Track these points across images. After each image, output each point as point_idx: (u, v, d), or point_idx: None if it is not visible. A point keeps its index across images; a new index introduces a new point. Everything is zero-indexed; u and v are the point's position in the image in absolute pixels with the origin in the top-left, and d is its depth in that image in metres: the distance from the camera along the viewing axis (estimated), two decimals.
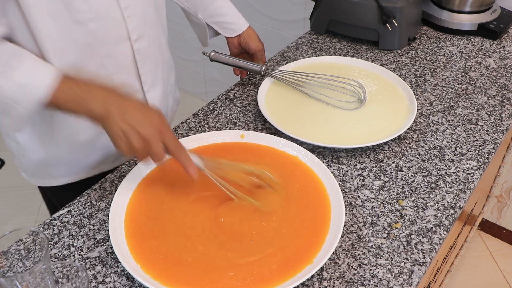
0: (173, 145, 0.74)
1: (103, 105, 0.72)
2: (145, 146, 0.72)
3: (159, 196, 0.83)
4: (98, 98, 0.73)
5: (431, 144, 0.98)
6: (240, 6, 2.11)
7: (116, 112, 0.72)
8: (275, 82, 1.10)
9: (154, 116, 0.74)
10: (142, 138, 0.71)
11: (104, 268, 0.75)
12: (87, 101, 0.72)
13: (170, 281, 0.70)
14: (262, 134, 0.94)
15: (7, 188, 2.26)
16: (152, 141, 0.72)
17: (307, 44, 1.30)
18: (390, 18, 1.21)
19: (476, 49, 1.29)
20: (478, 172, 0.92)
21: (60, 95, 0.73)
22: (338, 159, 0.94)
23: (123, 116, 0.71)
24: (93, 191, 0.87)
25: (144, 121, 0.72)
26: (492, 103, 1.09)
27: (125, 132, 0.71)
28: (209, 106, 1.08)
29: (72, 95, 0.73)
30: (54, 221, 0.82)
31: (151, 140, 0.72)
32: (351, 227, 0.81)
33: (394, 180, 0.90)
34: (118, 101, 0.73)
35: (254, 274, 0.71)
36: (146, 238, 0.76)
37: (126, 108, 0.72)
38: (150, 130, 0.72)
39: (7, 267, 0.67)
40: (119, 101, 0.73)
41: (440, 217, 0.83)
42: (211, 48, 1.17)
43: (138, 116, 0.72)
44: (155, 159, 0.74)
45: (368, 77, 1.13)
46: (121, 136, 0.72)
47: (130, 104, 0.74)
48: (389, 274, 0.74)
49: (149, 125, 0.72)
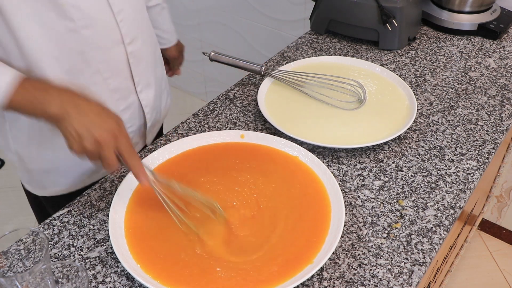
0: (127, 151, 0.73)
1: (60, 106, 0.71)
2: (97, 149, 0.71)
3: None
4: (55, 99, 0.72)
5: (431, 144, 0.98)
6: (240, 6, 2.12)
7: (72, 113, 0.71)
8: (275, 82, 1.10)
9: (111, 120, 0.73)
10: (95, 141, 0.70)
11: (104, 268, 0.75)
12: (44, 102, 0.71)
13: (170, 281, 0.70)
14: (262, 134, 0.94)
15: (7, 188, 2.26)
16: (105, 145, 0.70)
17: (307, 44, 1.30)
18: (390, 18, 1.21)
19: (476, 49, 1.29)
20: (478, 172, 0.92)
21: (17, 98, 0.72)
22: (338, 159, 0.94)
23: (79, 118, 0.71)
24: (93, 191, 0.87)
25: (100, 124, 0.71)
26: (492, 103, 1.09)
27: (79, 133, 0.70)
28: (209, 106, 1.08)
29: (29, 97, 0.72)
30: (54, 221, 0.82)
31: (103, 144, 0.70)
32: (351, 227, 0.81)
33: (394, 180, 0.90)
34: (76, 103, 0.72)
35: (254, 274, 0.71)
36: (146, 238, 0.76)
37: (84, 110, 0.71)
38: (104, 134, 0.71)
39: (7, 267, 0.67)
40: (77, 102, 0.72)
41: (440, 217, 0.83)
42: (211, 48, 1.17)
43: (94, 119, 0.71)
44: (106, 164, 0.72)
45: (368, 77, 1.13)
46: (74, 136, 0.70)
47: (88, 106, 0.72)
48: (389, 274, 0.74)
49: (104, 129, 0.71)
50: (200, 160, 0.90)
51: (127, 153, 0.73)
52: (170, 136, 0.99)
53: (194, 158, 0.90)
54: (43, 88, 0.73)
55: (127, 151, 0.73)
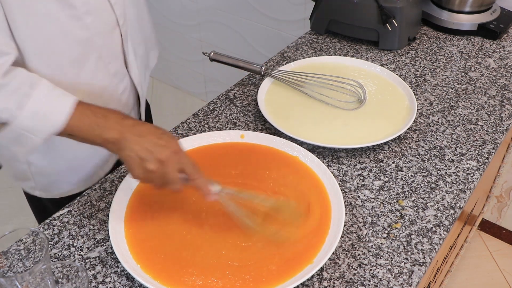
0: (191, 167, 0.72)
1: (119, 131, 0.71)
2: (162, 169, 0.70)
3: (159, 197, 0.83)
4: (113, 125, 0.71)
5: (431, 144, 0.98)
6: (240, 6, 2.12)
7: (131, 137, 0.70)
8: (275, 82, 1.10)
9: (170, 139, 0.72)
10: (158, 161, 0.69)
11: (104, 268, 0.75)
12: (103, 128, 0.71)
13: (170, 281, 0.70)
14: (262, 134, 0.94)
15: (7, 188, 2.26)
16: (169, 163, 0.70)
17: (307, 44, 1.30)
18: (390, 18, 1.21)
19: (476, 49, 1.29)
20: (478, 172, 0.92)
21: (75, 123, 0.72)
22: (338, 159, 0.94)
23: (139, 140, 0.70)
24: (93, 191, 0.87)
25: (160, 144, 0.71)
26: (492, 103, 1.09)
27: (141, 156, 0.70)
28: (209, 106, 1.08)
29: (88, 123, 0.72)
30: (54, 221, 0.82)
31: (167, 162, 0.70)
32: (351, 227, 0.81)
33: (394, 180, 0.90)
34: (133, 127, 0.72)
35: (254, 274, 0.71)
36: (146, 238, 0.76)
37: (141, 132, 0.71)
38: (166, 152, 0.70)
39: (7, 267, 0.67)
40: (134, 126, 0.72)
41: (440, 217, 0.83)
42: (211, 48, 1.17)
43: (154, 139, 0.71)
44: (171, 183, 0.71)
45: (368, 77, 1.13)
46: (137, 160, 0.70)
47: (145, 128, 0.72)
48: (389, 274, 0.74)
49: (165, 148, 0.70)
50: (200, 160, 0.90)
51: (191, 169, 0.72)
52: None
53: (194, 158, 0.90)
54: (102, 114, 0.72)
55: (191, 167, 0.72)
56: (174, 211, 0.81)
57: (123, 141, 0.70)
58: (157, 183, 0.72)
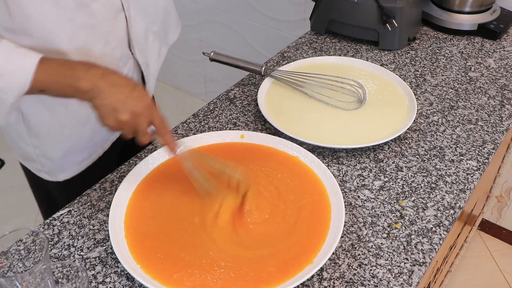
0: (161, 122, 0.75)
1: (91, 80, 0.71)
2: (133, 120, 0.72)
3: (159, 196, 0.83)
4: (84, 74, 0.71)
5: (431, 144, 0.98)
6: (240, 6, 2.12)
7: (104, 86, 0.71)
8: (275, 82, 1.10)
9: (142, 92, 0.74)
10: (130, 112, 0.71)
11: (104, 268, 0.75)
12: (72, 78, 0.71)
13: (170, 281, 0.70)
14: (262, 134, 0.94)
15: (7, 188, 2.26)
16: (141, 115, 0.72)
17: (307, 44, 1.30)
18: (390, 18, 1.21)
19: (476, 49, 1.29)
20: (478, 172, 0.92)
21: (43, 77, 0.71)
22: (338, 159, 0.94)
23: (112, 91, 0.71)
24: (93, 191, 0.87)
25: (134, 96, 0.72)
26: (492, 103, 1.09)
27: (114, 106, 0.71)
28: (209, 106, 1.08)
29: (55, 75, 0.71)
30: (54, 221, 0.82)
31: (139, 115, 0.72)
32: (351, 227, 0.81)
33: (394, 180, 0.90)
34: (106, 76, 0.72)
35: (254, 275, 0.71)
36: (146, 238, 0.76)
37: (115, 83, 0.72)
38: (139, 105, 0.72)
39: (7, 267, 0.67)
40: (107, 76, 0.72)
41: (440, 217, 0.83)
42: (211, 48, 1.17)
43: (126, 91, 0.72)
44: (141, 135, 0.74)
45: (368, 77, 1.13)
46: (110, 110, 0.71)
47: (116, 78, 0.73)
48: (389, 274, 0.74)
49: (138, 100, 0.72)
50: None
51: (160, 123, 0.75)
52: None
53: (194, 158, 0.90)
54: (69, 66, 0.72)
55: (161, 122, 0.75)
56: (174, 211, 0.80)
57: (96, 89, 0.71)
58: (126, 132, 0.74)
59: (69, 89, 0.72)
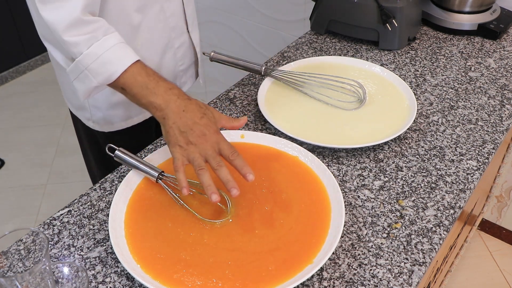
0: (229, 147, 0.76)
1: (164, 99, 0.77)
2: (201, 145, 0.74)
3: (159, 196, 0.83)
4: (161, 91, 0.77)
5: (431, 144, 0.98)
6: (240, 6, 2.12)
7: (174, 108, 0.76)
8: (275, 82, 1.10)
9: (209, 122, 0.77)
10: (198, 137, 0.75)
11: (104, 268, 0.75)
12: (151, 91, 0.77)
13: (170, 281, 0.70)
14: (262, 134, 0.94)
15: (7, 188, 2.26)
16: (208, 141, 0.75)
17: (307, 44, 1.30)
18: (390, 18, 1.21)
19: (476, 49, 1.29)
20: (478, 172, 0.92)
21: (129, 78, 0.78)
22: (338, 159, 0.94)
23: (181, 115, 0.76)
24: (93, 191, 0.87)
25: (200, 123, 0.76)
26: (492, 103, 1.09)
27: (182, 130, 0.75)
28: None
29: (140, 82, 0.78)
30: (54, 221, 0.82)
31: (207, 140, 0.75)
32: (351, 227, 0.81)
33: (394, 180, 0.90)
34: (181, 99, 0.77)
35: (254, 274, 0.71)
36: (146, 238, 0.76)
37: (187, 108, 0.77)
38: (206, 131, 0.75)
39: (7, 267, 0.67)
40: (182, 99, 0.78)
41: (440, 217, 0.83)
42: (211, 48, 1.17)
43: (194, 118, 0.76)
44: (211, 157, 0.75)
45: (368, 77, 1.13)
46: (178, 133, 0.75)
47: (191, 104, 0.78)
48: (389, 274, 0.74)
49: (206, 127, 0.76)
50: None
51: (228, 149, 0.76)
52: None
53: None
54: (154, 79, 0.79)
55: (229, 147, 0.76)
56: (174, 211, 0.81)
57: (167, 110, 0.76)
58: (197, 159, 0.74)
59: (144, 99, 0.78)
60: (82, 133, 1.17)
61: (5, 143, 2.52)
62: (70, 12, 0.77)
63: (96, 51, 0.78)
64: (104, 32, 0.80)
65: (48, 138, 2.54)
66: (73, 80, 0.83)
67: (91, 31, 0.79)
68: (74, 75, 0.82)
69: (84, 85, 0.82)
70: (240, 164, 0.76)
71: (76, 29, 0.78)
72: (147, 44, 0.98)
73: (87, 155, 1.23)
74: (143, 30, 0.96)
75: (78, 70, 0.81)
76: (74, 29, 0.77)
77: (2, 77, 2.93)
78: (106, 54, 0.78)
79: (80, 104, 1.06)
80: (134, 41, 0.96)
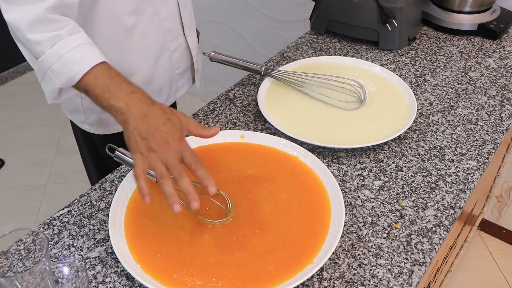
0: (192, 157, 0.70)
1: (125, 103, 0.72)
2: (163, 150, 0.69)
3: (159, 196, 0.83)
4: (123, 94, 0.73)
5: (431, 144, 0.98)
6: (240, 6, 2.12)
7: (135, 114, 0.71)
8: (275, 82, 1.10)
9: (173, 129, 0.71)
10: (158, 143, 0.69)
11: (104, 268, 0.75)
12: (112, 94, 0.73)
13: (170, 281, 0.70)
14: (262, 134, 0.94)
15: (7, 188, 2.26)
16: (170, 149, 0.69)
17: (307, 44, 1.30)
18: (390, 18, 1.21)
19: (476, 49, 1.29)
20: (478, 172, 0.92)
21: (91, 80, 0.74)
22: (338, 159, 0.94)
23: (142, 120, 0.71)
24: (93, 191, 0.87)
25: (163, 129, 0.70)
26: (492, 103, 1.09)
27: (143, 136, 0.70)
28: (209, 106, 1.08)
29: (102, 84, 0.74)
30: (54, 221, 0.82)
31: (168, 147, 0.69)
32: (351, 227, 0.81)
33: (394, 180, 0.90)
34: (143, 103, 0.72)
35: (254, 274, 0.71)
36: (146, 238, 0.76)
37: (149, 112, 0.72)
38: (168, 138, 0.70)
39: (7, 267, 0.67)
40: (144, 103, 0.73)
41: (440, 217, 0.83)
42: (211, 48, 1.17)
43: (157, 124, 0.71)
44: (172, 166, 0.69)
45: (368, 77, 1.13)
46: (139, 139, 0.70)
47: (154, 109, 0.72)
48: (389, 274, 0.74)
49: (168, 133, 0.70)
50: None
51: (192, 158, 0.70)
52: None
53: None
54: (117, 81, 0.74)
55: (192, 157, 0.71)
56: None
57: (127, 114, 0.71)
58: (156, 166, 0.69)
59: (105, 102, 0.74)
60: (79, 135, 1.16)
61: (5, 143, 2.52)
62: (34, 9, 0.74)
63: (59, 50, 0.75)
64: (69, 32, 0.76)
65: (48, 138, 2.54)
66: (40, 81, 0.80)
67: (55, 29, 0.75)
68: (40, 75, 0.79)
69: (49, 87, 0.79)
70: (202, 174, 0.70)
71: (39, 27, 0.75)
72: (141, 47, 0.98)
73: (85, 157, 1.23)
74: (137, 33, 0.95)
75: (42, 70, 0.77)
76: (38, 26, 0.75)
77: (2, 77, 2.93)
78: (69, 54, 0.75)
79: (74, 107, 1.05)
80: (128, 43, 0.95)
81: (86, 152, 1.20)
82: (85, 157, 1.23)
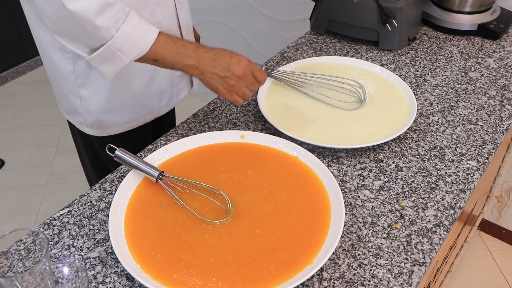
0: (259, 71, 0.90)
1: (196, 58, 0.85)
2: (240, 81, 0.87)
3: (159, 196, 0.83)
4: (191, 53, 0.85)
5: (431, 144, 0.98)
6: (240, 6, 2.12)
7: (207, 62, 0.86)
8: (275, 82, 1.10)
9: (239, 56, 0.87)
10: (236, 76, 0.86)
11: (104, 268, 0.75)
12: (182, 56, 0.85)
13: (170, 281, 0.70)
14: (262, 134, 0.94)
15: (7, 188, 2.26)
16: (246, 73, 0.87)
17: (307, 44, 1.30)
18: (390, 18, 1.21)
19: (476, 49, 1.29)
20: (478, 172, 0.92)
21: (160, 49, 0.84)
22: (338, 159, 0.94)
23: (215, 64, 0.86)
24: (93, 191, 0.87)
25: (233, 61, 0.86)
26: (492, 103, 1.09)
27: (221, 75, 0.86)
28: (209, 106, 1.08)
29: (170, 50, 0.85)
30: (54, 221, 0.82)
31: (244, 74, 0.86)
32: (351, 227, 0.81)
33: (394, 180, 0.90)
34: (206, 53, 0.86)
35: (254, 274, 0.71)
36: (146, 238, 0.76)
37: (215, 56, 0.86)
38: (241, 67, 0.86)
39: (7, 267, 0.67)
40: (207, 52, 0.86)
41: (440, 217, 0.83)
42: None
43: (227, 60, 0.86)
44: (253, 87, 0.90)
45: (368, 77, 1.13)
46: (219, 79, 0.86)
47: (216, 52, 0.87)
48: (389, 274, 0.74)
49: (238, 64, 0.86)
50: (200, 161, 0.90)
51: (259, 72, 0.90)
52: (170, 136, 0.99)
53: (194, 159, 0.91)
54: (181, 43, 0.86)
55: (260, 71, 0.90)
56: (174, 211, 0.81)
57: (202, 66, 0.86)
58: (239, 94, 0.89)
59: (178, 65, 0.86)
60: (77, 136, 1.17)
61: (5, 143, 2.52)
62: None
63: (125, 31, 0.81)
64: (125, 12, 0.82)
65: (48, 138, 2.54)
66: (98, 65, 0.84)
67: (115, 12, 0.81)
68: (100, 59, 0.83)
69: (114, 66, 0.84)
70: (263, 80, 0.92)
71: (104, 13, 0.79)
72: None
73: (83, 159, 1.23)
74: None
75: (107, 52, 0.82)
76: (103, 12, 0.79)
77: (2, 77, 2.93)
78: (134, 32, 0.82)
79: (73, 108, 1.05)
80: None
81: (85, 154, 1.20)
82: (83, 159, 1.23)
